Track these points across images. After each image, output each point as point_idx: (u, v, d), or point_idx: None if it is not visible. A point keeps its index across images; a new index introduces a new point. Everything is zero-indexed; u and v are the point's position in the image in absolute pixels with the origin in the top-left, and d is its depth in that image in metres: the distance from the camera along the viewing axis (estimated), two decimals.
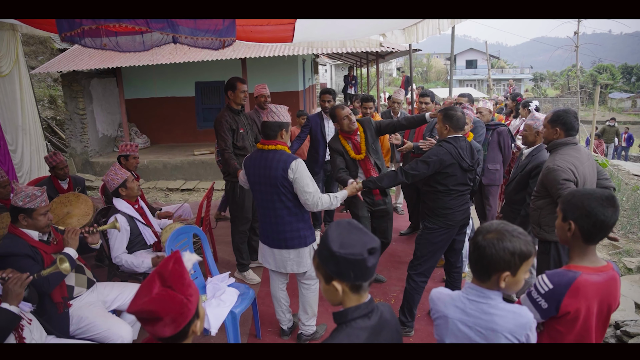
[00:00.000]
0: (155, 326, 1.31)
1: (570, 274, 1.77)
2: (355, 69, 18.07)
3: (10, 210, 2.74)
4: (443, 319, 1.64)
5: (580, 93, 27.59)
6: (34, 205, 2.69)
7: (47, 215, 2.79)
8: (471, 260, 1.60)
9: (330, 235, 1.38)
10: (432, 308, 1.70)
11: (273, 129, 3.10)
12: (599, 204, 1.76)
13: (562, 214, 1.87)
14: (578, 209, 1.80)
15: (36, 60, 13.09)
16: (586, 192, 1.83)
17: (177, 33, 3.64)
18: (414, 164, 3.28)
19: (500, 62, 54.61)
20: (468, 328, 1.59)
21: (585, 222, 1.78)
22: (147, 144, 11.10)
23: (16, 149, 6.41)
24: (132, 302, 1.31)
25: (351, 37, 6.39)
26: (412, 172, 3.27)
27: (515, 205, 3.63)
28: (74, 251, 2.80)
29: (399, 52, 11.22)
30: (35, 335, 2.41)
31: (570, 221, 1.82)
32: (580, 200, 1.80)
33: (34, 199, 2.70)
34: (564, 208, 1.86)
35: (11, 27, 5.87)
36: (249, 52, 8.85)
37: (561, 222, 1.87)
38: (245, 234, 4.52)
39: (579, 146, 3.03)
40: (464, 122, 3.33)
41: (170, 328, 1.31)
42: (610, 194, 1.80)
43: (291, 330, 3.57)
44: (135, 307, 1.29)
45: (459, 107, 3.39)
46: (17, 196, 2.70)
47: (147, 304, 1.28)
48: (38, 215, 2.73)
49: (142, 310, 1.29)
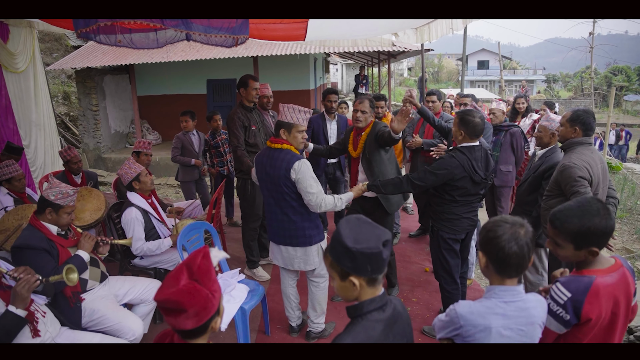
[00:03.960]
0: (178, 318, 1.32)
1: (586, 279, 1.71)
2: (367, 68, 18.02)
3: (40, 201, 2.83)
4: (485, 332, 1.58)
5: (594, 95, 27.25)
6: (63, 203, 2.80)
7: (70, 215, 2.88)
8: (496, 261, 1.60)
9: (343, 232, 1.38)
10: (465, 325, 1.60)
11: (276, 128, 3.15)
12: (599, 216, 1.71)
13: (573, 244, 1.74)
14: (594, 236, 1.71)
15: (51, 57, 13.24)
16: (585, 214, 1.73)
17: (191, 30, 3.66)
18: (422, 174, 3.16)
19: (512, 63, 54.16)
20: (510, 331, 1.58)
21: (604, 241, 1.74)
22: (158, 141, 11.18)
23: (30, 144, 6.49)
24: (158, 291, 1.33)
25: (363, 36, 6.39)
26: (419, 182, 3.15)
27: (526, 207, 3.59)
28: (86, 254, 2.92)
29: (411, 51, 11.19)
30: (50, 328, 2.44)
31: (592, 249, 1.73)
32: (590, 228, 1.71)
33: (65, 197, 2.81)
34: (577, 239, 1.73)
35: (28, 24, 5.94)
36: (261, 50, 8.87)
37: (576, 252, 1.76)
38: (256, 231, 4.53)
39: (593, 147, 3.02)
40: (481, 129, 3.11)
41: (193, 321, 1.33)
42: (599, 203, 1.75)
43: (300, 328, 3.58)
44: (162, 296, 1.31)
45: (478, 112, 3.17)
46: (50, 190, 2.79)
47: (174, 294, 1.30)
48: (63, 213, 2.83)
49: (169, 300, 1.31)
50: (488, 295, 1.63)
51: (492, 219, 1.66)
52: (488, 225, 1.64)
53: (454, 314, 1.63)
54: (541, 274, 3.64)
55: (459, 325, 1.61)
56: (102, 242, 3.12)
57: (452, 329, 1.64)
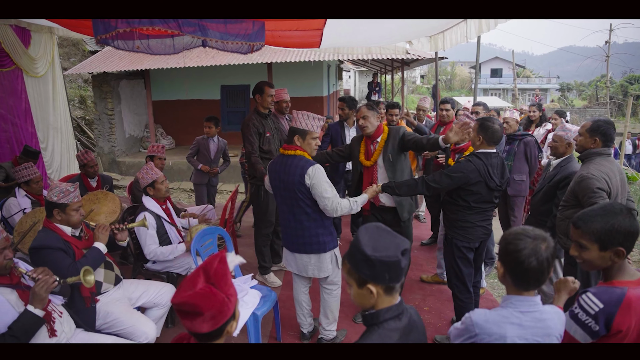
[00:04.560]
0: (195, 321, 1.34)
1: (618, 290, 1.68)
2: (380, 75, 18.04)
3: (46, 205, 2.88)
4: (499, 341, 1.58)
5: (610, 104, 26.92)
6: (67, 201, 2.82)
7: (79, 211, 2.91)
8: (514, 274, 1.58)
9: (362, 240, 1.40)
10: (480, 333, 1.60)
11: (289, 134, 3.16)
12: (622, 214, 1.70)
13: (598, 244, 1.72)
14: (619, 234, 1.69)
15: (69, 62, 13.46)
16: (608, 213, 1.72)
17: (208, 37, 3.71)
18: (438, 177, 3.17)
19: (525, 72, 53.77)
20: (525, 341, 1.57)
21: (630, 243, 1.70)
22: (172, 145, 11.28)
23: (47, 147, 6.62)
24: (175, 294, 1.35)
25: (377, 44, 6.40)
26: (434, 184, 3.16)
27: (541, 217, 3.56)
28: (103, 246, 2.96)
29: (425, 59, 11.18)
30: (65, 328, 2.48)
31: (618, 249, 1.69)
32: (614, 225, 1.70)
33: (67, 195, 2.83)
34: (602, 238, 1.70)
35: (49, 30, 6.06)
36: (275, 57, 8.92)
37: (601, 253, 1.72)
38: (269, 237, 4.55)
39: (612, 159, 2.99)
40: (499, 136, 3.13)
41: (209, 324, 1.34)
42: (622, 205, 1.75)
43: (311, 335, 3.57)
44: (179, 299, 1.32)
45: (498, 120, 3.16)
46: (51, 192, 2.83)
47: (191, 297, 1.32)
48: (71, 211, 2.85)
49: (186, 302, 1.32)
50: (504, 305, 1.62)
51: (513, 229, 1.63)
52: (509, 237, 1.61)
53: (469, 321, 1.63)
54: None
55: (474, 333, 1.61)
56: (117, 229, 3.17)
57: (467, 336, 1.64)
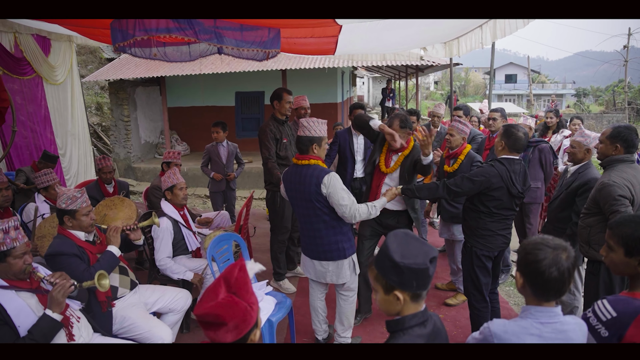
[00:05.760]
0: (218, 331, 1.32)
1: (637, 302, 1.65)
2: (394, 81, 18.02)
3: (57, 213, 2.93)
4: None
5: (628, 109, 26.49)
6: (76, 207, 2.86)
7: (89, 215, 2.94)
8: (534, 285, 1.54)
9: (391, 247, 1.40)
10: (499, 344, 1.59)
11: (305, 144, 3.08)
12: None
13: (624, 249, 1.71)
14: None
15: (86, 69, 13.69)
16: (638, 219, 1.71)
17: (224, 44, 3.74)
18: (459, 180, 3.15)
19: (540, 77, 53.29)
20: None
21: None
22: (187, 152, 11.38)
23: (65, 153, 6.73)
24: (197, 305, 1.33)
25: (392, 51, 6.39)
26: (455, 188, 3.14)
27: (559, 224, 3.50)
28: (116, 249, 2.99)
29: (439, 65, 11.14)
30: (83, 333, 2.50)
31: None
32: (637, 230, 1.68)
33: (74, 201, 2.87)
34: (629, 243, 1.69)
35: (68, 38, 6.19)
36: (290, 64, 8.97)
37: (626, 258, 1.71)
38: (284, 244, 4.54)
39: (635, 165, 2.93)
40: (522, 144, 3.12)
41: (233, 334, 1.32)
42: None
43: (326, 341, 3.55)
44: (202, 310, 1.31)
45: (523, 128, 3.16)
46: (60, 199, 2.87)
47: (213, 308, 1.30)
48: (80, 216, 2.89)
49: (208, 313, 1.30)
50: (524, 315, 1.59)
51: (532, 239, 1.60)
52: (528, 247, 1.57)
53: (487, 332, 1.60)
54: (573, 294, 3.55)
55: (495, 343, 1.58)
56: (129, 229, 3.19)
57: None
